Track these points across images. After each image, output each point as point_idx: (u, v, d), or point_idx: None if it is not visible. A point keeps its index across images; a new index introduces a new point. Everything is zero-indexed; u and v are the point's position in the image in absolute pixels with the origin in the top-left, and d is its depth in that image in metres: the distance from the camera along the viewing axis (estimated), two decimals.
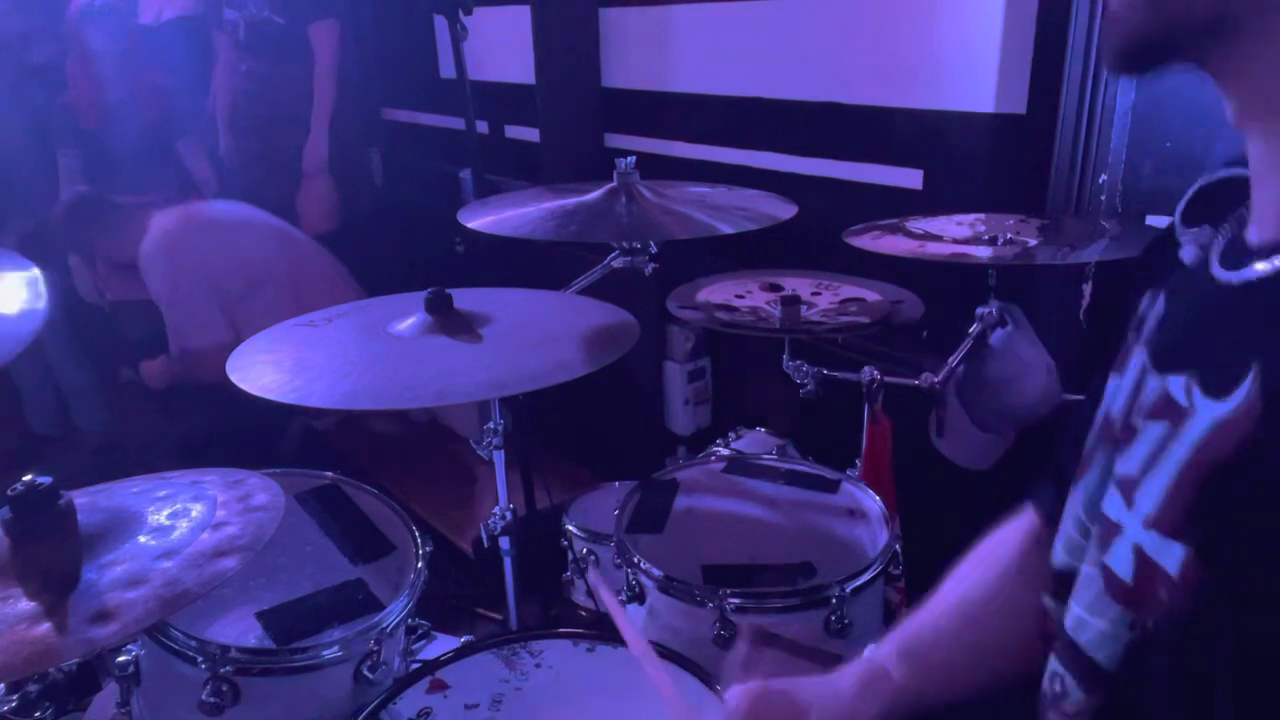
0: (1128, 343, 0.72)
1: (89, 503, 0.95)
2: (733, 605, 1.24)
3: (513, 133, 3.25)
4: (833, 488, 1.57)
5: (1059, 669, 0.70)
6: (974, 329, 1.59)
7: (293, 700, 1.16)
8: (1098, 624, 0.65)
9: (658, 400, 2.71)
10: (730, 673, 0.94)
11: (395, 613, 1.23)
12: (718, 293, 1.77)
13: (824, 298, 1.72)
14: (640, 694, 1.11)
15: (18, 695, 1.07)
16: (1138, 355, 0.69)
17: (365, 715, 1.08)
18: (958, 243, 1.54)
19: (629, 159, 1.66)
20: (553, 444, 2.56)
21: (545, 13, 2.77)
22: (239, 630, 1.31)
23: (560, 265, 1.86)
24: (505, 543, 1.56)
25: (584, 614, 1.74)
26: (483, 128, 3.23)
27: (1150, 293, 0.71)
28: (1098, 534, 0.67)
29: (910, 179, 2.05)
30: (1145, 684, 0.61)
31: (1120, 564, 0.62)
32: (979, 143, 1.88)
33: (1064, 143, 1.75)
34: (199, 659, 1.10)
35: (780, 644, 1.03)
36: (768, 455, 1.74)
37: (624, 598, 1.38)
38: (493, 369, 1.23)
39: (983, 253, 1.49)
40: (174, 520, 0.94)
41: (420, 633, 1.32)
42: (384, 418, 2.86)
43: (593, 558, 1.66)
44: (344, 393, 1.16)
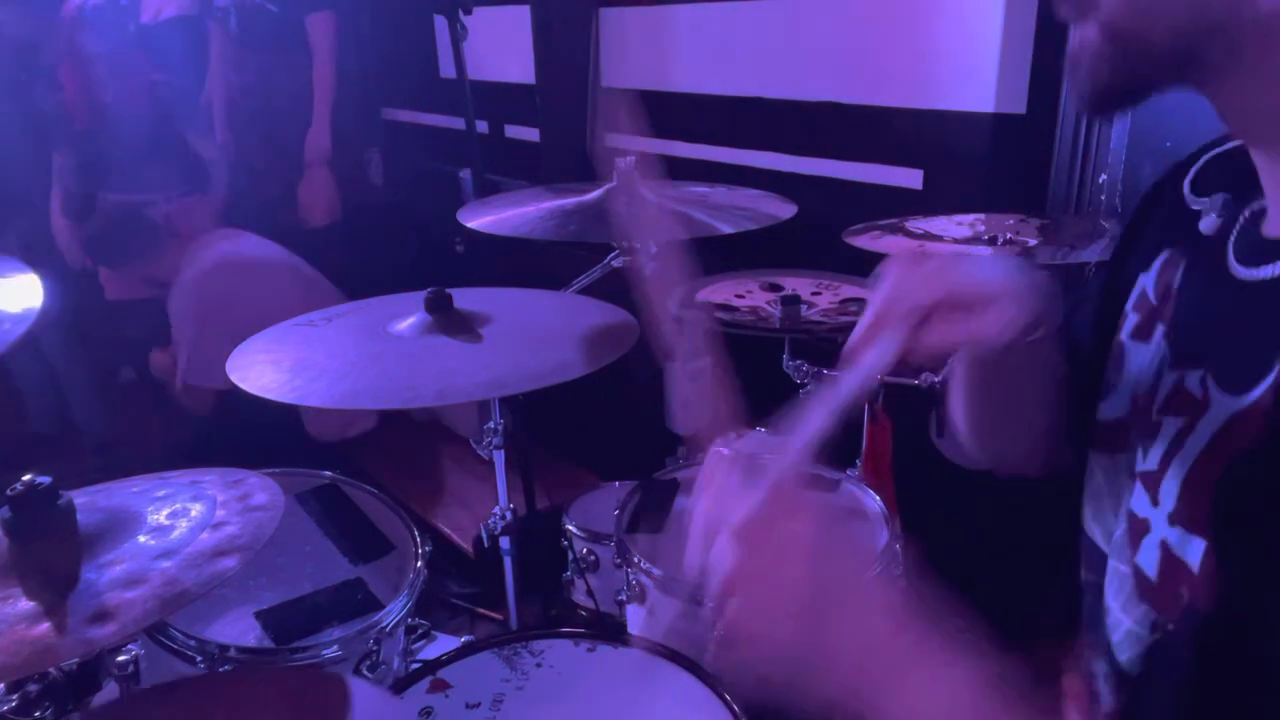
0: (1145, 305, 0.71)
1: (89, 503, 0.95)
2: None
3: (513, 133, 3.24)
4: (833, 488, 1.57)
5: (1096, 669, 0.69)
6: None
7: None
8: (1126, 623, 0.64)
9: (658, 400, 2.71)
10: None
11: (395, 612, 1.23)
12: (718, 293, 1.77)
13: (824, 298, 1.72)
14: (640, 694, 1.12)
15: (18, 695, 1.07)
16: (1159, 334, 0.68)
17: None
18: (958, 243, 1.54)
19: (629, 158, 1.66)
20: (553, 444, 2.56)
21: (545, 13, 2.77)
22: (238, 630, 1.31)
23: (560, 265, 1.86)
24: (505, 543, 1.56)
25: (584, 614, 1.74)
26: (483, 128, 3.23)
27: (1168, 254, 0.70)
28: (1127, 531, 0.66)
29: (910, 179, 2.05)
30: (1162, 689, 0.60)
31: (1148, 562, 0.62)
32: (979, 143, 1.88)
33: (1064, 143, 1.75)
34: (198, 658, 1.11)
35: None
36: (768, 455, 1.73)
37: (624, 598, 1.38)
38: (493, 369, 1.23)
39: (983, 253, 1.49)
40: (173, 520, 0.94)
41: (420, 633, 1.32)
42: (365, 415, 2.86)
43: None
44: (344, 393, 1.16)
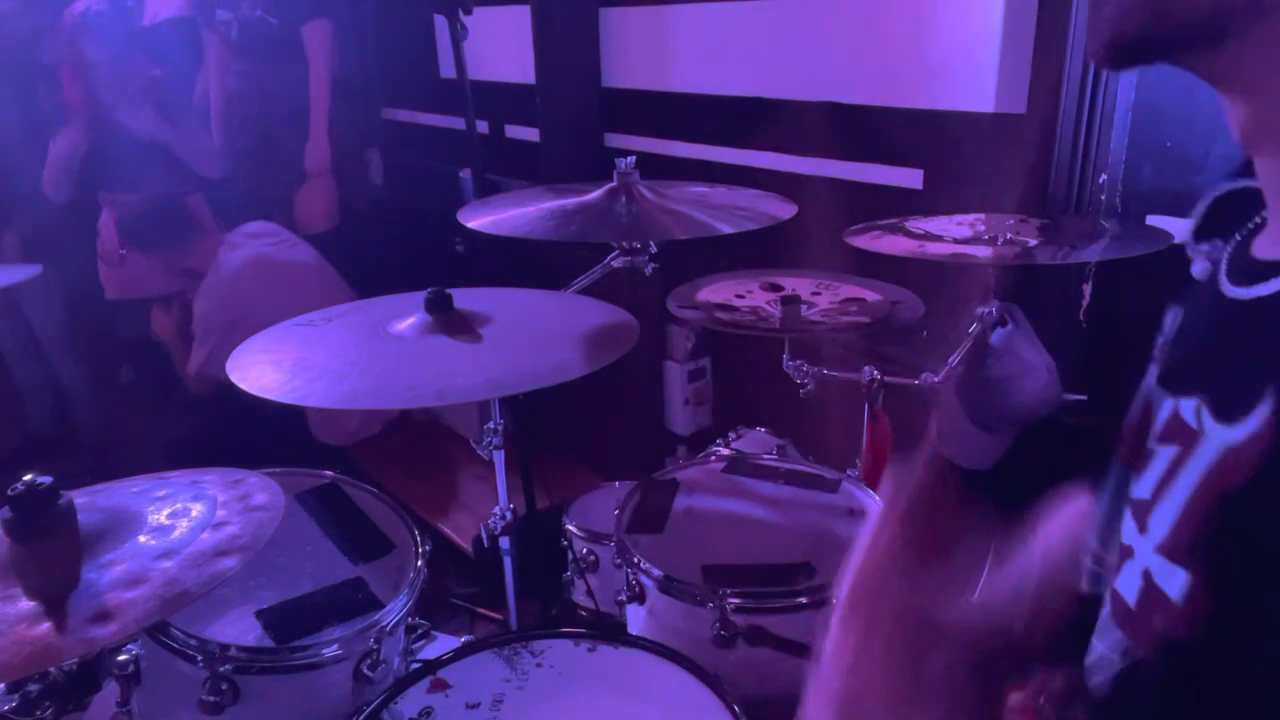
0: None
1: (89, 503, 0.95)
2: (733, 605, 1.24)
3: (513, 133, 3.24)
4: (833, 488, 1.57)
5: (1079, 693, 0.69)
6: (974, 329, 1.59)
7: (292, 699, 1.16)
8: (1099, 648, 0.63)
9: (658, 400, 2.71)
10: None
11: (395, 612, 1.23)
12: (718, 293, 1.77)
13: (824, 298, 1.72)
14: (640, 694, 1.12)
15: (18, 695, 1.08)
16: (1150, 374, 0.68)
17: (367, 714, 1.08)
18: (958, 243, 1.54)
19: (629, 159, 1.66)
20: (553, 444, 2.57)
21: (545, 13, 2.77)
22: (239, 629, 1.31)
23: (560, 265, 1.86)
24: (505, 543, 1.56)
25: (584, 614, 1.74)
26: (483, 128, 3.23)
27: (1172, 310, 0.70)
28: (1113, 559, 0.65)
29: (910, 179, 2.05)
30: (1128, 716, 0.60)
31: (1128, 588, 0.61)
32: (979, 143, 1.88)
33: (1064, 143, 1.75)
34: (199, 658, 1.11)
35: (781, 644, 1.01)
36: (768, 455, 1.74)
37: (624, 598, 1.38)
38: (493, 369, 1.23)
39: (983, 253, 1.49)
40: (174, 520, 0.94)
41: (420, 632, 1.32)
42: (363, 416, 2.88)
43: None
44: (344, 392, 1.16)
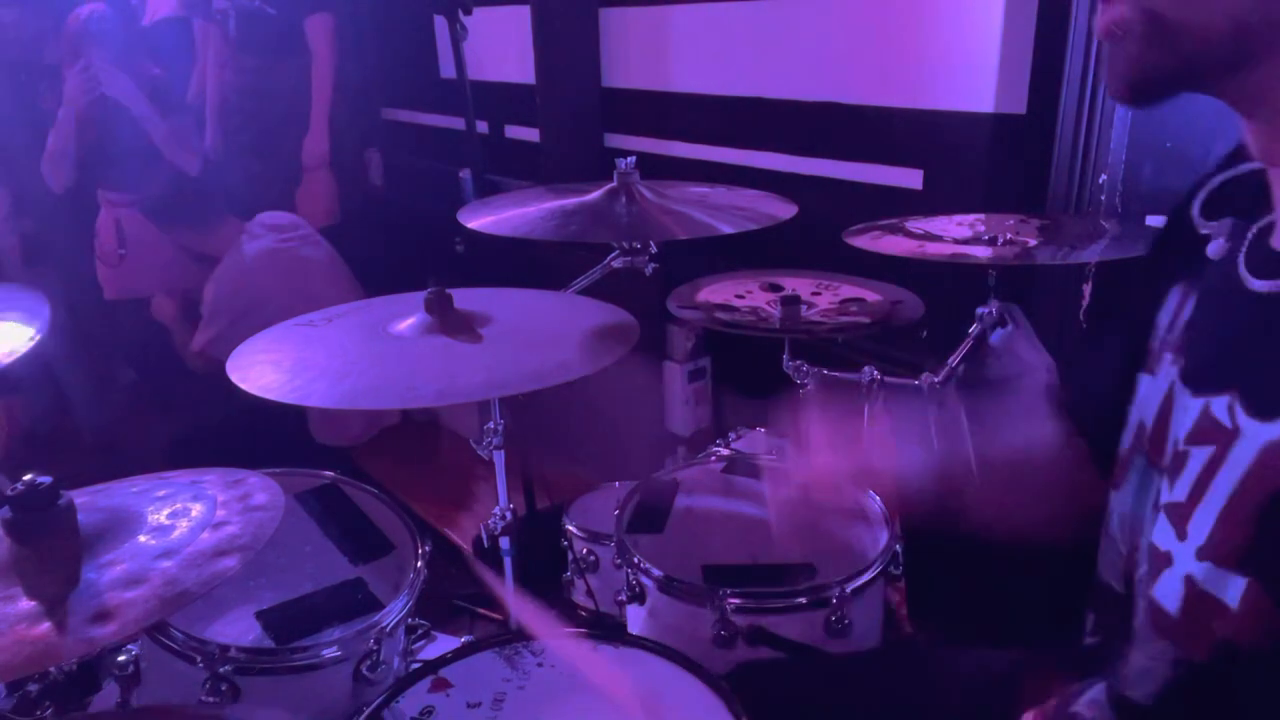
0: (1155, 340, 0.69)
1: (89, 502, 0.95)
2: (733, 605, 1.24)
3: (513, 133, 3.24)
4: None
5: (1100, 697, 0.68)
6: (974, 329, 1.59)
7: (292, 699, 1.16)
8: (1137, 659, 0.62)
9: (658, 400, 2.71)
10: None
11: (395, 612, 1.23)
12: (718, 293, 1.76)
13: (824, 298, 1.72)
14: (640, 694, 1.11)
15: (18, 695, 1.07)
16: (1168, 363, 0.66)
17: (368, 714, 1.08)
18: (958, 243, 1.54)
19: (629, 159, 1.66)
20: (553, 444, 2.56)
21: (545, 13, 2.77)
22: (238, 630, 1.31)
23: (560, 265, 1.86)
24: (505, 543, 1.56)
25: (584, 614, 1.74)
26: (483, 128, 3.22)
27: (1179, 289, 0.68)
28: (1146, 566, 0.64)
29: (910, 179, 2.05)
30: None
31: (1167, 596, 0.59)
32: (979, 143, 1.88)
33: (1064, 143, 1.75)
34: (198, 658, 1.10)
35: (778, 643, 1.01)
36: (768, 455, 1.74)
37: (624, 598, 1.38)
38: (493, 369, 1.23)
39: (983, 253, 1.49)
40: (174, 520, 0.94)
41: (420, 633, 1.32)
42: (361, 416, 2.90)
43: None
44: (344, 393, 1.16)
